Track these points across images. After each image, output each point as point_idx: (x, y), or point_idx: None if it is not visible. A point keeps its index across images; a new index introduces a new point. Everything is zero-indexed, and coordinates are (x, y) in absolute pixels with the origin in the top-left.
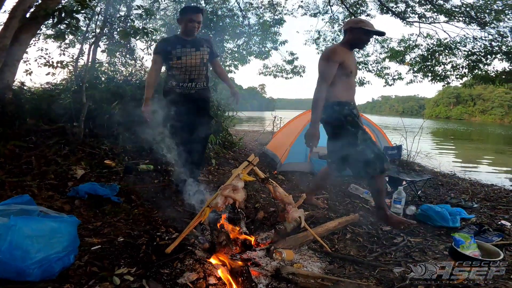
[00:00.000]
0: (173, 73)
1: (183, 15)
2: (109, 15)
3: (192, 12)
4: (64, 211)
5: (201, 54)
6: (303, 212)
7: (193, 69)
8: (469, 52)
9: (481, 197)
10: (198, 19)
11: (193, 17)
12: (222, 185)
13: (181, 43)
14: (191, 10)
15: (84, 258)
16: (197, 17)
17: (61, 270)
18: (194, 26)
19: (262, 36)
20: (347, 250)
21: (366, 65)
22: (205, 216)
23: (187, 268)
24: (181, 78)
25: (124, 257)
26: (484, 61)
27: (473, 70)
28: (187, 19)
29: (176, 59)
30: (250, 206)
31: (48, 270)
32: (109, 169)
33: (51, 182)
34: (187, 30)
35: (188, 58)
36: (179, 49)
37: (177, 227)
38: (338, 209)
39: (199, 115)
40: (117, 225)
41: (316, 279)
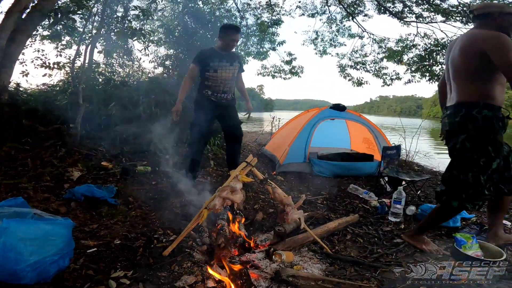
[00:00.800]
0: (209, 84)
1: (226, 34)
2: (106, 16)
3: (234, 33)
4: (60, 213)
5: (234, 69)
6: (303, 213)
7: (227, 82)
8: None
9: None
10: (238, 38)
11: (234, 37)
12: (220, 187)
13: (218, 57)
14: (234, 30)
15: (79, 261)
16: (237, 37)
17: (56, 273)
18: (233, 45)
19: (260, 37)
20: (347, 251)
21: (364, 65)
22: (202, 218)
23: (185, 271)
24: (215, 89)
25: (120, 260)
26: None
27: None
28: (229, 38)
29: (212, 71)
30: (249, 207)
31: (43, 273)
32: (106, 171)
33: (47, 184)
34: (227, 47)
35: (223, 72)
36: (216, 63)
37: (175, 229)
38: (337, 209)
39: (231, 119)
40: (114, 227)
41: (316, 281)
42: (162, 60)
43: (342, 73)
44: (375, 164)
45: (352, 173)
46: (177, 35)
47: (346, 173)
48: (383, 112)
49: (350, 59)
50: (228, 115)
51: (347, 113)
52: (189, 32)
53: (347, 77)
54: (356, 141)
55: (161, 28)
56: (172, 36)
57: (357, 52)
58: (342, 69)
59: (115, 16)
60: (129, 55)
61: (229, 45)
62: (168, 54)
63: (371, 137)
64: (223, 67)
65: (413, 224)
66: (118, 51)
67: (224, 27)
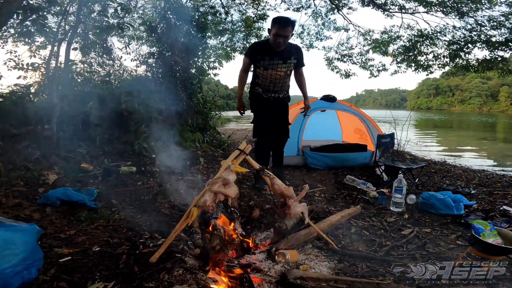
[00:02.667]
0: (259, 82)
1: (272, 26)
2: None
3: (280, 26)
4: (33, 219)
5: (287, 67)
6: (306, 207)
7: (278, 81)
8: (449, 41)
9: (476, 183)
10: (285, 33)
11: (280, 32)
12: (210, 180)
13: (270, 54)
14: (280, 22)
15: (50, 272)
16: (285, 31)
17: (20, 286)
18: (280, 42)
19: (246, 32)
20: (354, 246)
21: (350, 57)
22: (192, 218)
23: (176, 280)
24: (265, 87)
25: (100, 269)
26: (465, 50)
27: (455, 59)
28: (274, 33)
29: (262, 69)
30: (244, 204)
31: (4, 286)
32: (86, 173)
33: (20, 189)
34: (273, 44)
35: (274, 71)
36: (267, 61)
37: (164, 232)
38: (336, 202)
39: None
40: (94, 233)
41: (328, 282)
42: (145, 58)
43: (330, 66)
44: (369, 154)
45: (346, 164)
46: (159, 32)
47: (340, 164)
48: (369, 105)
49: (337, 52)
50: (277, 114)
51: (338, 103)
52: (173, 29)
53: (335, 69)
54: (347, 132)
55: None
56: (154, 33)
57: (343, 45)
58: (329, 62)
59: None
60: (109, 54)
61: (274, 41)
62: (151, 52)
63: (363, 127)
64: (275, 65)
65: (416, 213)
66: (97, 50)
67: (273, 19)
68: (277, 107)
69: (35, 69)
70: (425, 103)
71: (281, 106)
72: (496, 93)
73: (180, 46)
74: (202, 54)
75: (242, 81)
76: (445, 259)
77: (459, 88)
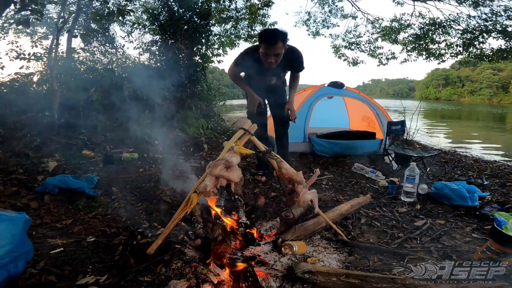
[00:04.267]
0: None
1: (259, 43)
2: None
3: (268, 45)
4: (31, 208)
5: (280, 79)
6: (316, 194)
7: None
8: (463, 30)
9: (488, 173)
10: (276, 51)
11: (269, 51)
12: (211, 162)
13: (259, 69)
14: (266, 41)
15: (39, 265)
16: (275, 49)
17: (7, 280)
18: (270, 62)
19: (250, 19)
20: (365, 237)
21: (358, 45)
22: (191, 205)
23: (174, 274)
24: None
25: (93, 262)
26: (480, 39)
27: (468, 48)
28: (262, 52)
29: (253, 81)
30: (248, 191)
31: None
32: (87, 159)
33: (18, 177)
34: (265, 63)
35: (263, 84)
36: (259, 76)
37: (164, 221)
38: (345, 190)
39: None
40: (92, 222)
41: (339, 277)
42: (148, 46)
43: (336, 53)
44: (378, 142)
45: (354, 152)
46: (162, 20)
47: (348, 152)
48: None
49: (344, 39)
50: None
51: (346, 90)
52: (175, 17)
53: (342, 57)
54: (355, 120)
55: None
56: (157, 21)
57: (351, 33)
58: (336, 50)
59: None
60: (112, 42)
61: (264, 61)
62: (154, 39)
63: (372, 114)
64: (263, 81)
65: (428, 204)
66: (100, 39)
67: (258, 37)
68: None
69: (38, 58)
70: (434, 93)
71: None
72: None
73: (184, 33)
74: (206, 41)
75: (237, 81)
76: (462, 253)
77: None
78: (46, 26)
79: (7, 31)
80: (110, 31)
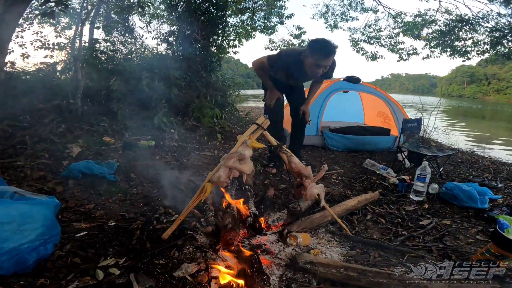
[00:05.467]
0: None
1: (311, 54)
2: None
3: (323, 57)
4: (56, 192)
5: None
6: (323, 188)
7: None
8: (492, 28)
9: (504, 176)
10: (328, 63)
11: (322, 63)
12: (225, 154)
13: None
14: (324, 54)
15: (66, 247)
16: (328, 61)
17: (36, 262)
18: (318, 72)
19: (267, 10)
20: (369, 233)
21: (378, 40)
22: (205, 194)
23: (186, 258)
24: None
25: (113, 245)
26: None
27: (496, 46)
28: (313, 62)
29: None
30: (259, 182)
31: (21, 262)
32: (108, 146)
33: (45, 161)
34: (310, 72)
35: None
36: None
37: (178, 207)
38: (354, 186)
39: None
40: (112, 207)
41: (338, 269)
42: (165, 36)
43: (355, 47)
44: (392, 139)
45: (367, 148)
46: (179, 11)
47: (361, 147)
48: (395, 89)
49: (363, 33)
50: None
51: (362, 85)
52: (192, 8)
53: (360, 51)
54: (370, 115)
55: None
56: (174, 12)
57: (370, 27)
58: (355, 44)
59: None
60: (131, 33)
61: (312, 72)
62: (172, 30)
63: (388, 110)
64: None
65: (437, 204)
66: (120, 29)
67: (312, 43)
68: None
69: (61, 48)
70: (457, 90)
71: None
72: None
73: (200, 24)
74: (222, 32)
75: (262, 75)
76: (462, 253)
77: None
78: (69, 17)
79: (32, 21)
80: (130, 22)
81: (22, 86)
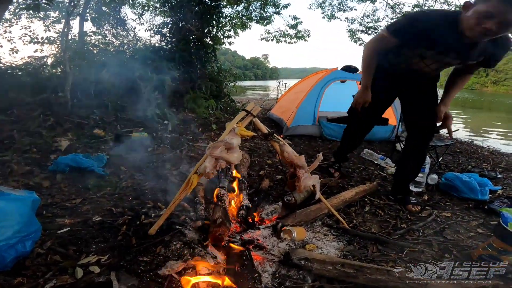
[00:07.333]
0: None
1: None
2: None
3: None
4: (43, 187)
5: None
6: (318, 179)
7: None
8: None
9: (503, 166)
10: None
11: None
12: (211, 143)
13: (447, 46)
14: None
15: (46, 244)
16: None
17: (15, 259)
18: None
19: (263, 1)
20: (367, 226)
21: (376, 30)
22: (191, 186)
23: (172, 254)
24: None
25: (97, 242)
26: None
27: None
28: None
29: (418, 58)
30: (254, 173)
31: None
32: (98, 139)
33: (32, 156)
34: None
35: (429, 66)
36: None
37: (168, 201)
38: (351, 176)
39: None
40: (99, 201)
41: (334, 265)
42: (159, 28)
43: (352, 37)
44: (390, 128)
45: (365, 137)
46: (172, 2)
47: None
48: None
49: (361, 23)
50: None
51: (359, 74)
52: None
53: (358, 41)
54: None
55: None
56: (167, 3)
57: (368, 17)
58: (352, 34)
59: None
60: (123, 25)
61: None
62: (165, 21)
63: None
64: (441, 62)
65: (436, 195)
66: (111, 22)
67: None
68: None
69: (51, 42)
70: None
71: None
72: None
73: (194, 15)
74: (217, 23)
75: (371, 65)
76: (463, 248)
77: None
78: (58, 11)
79: (20, 16)
80: (121, 14)
81: (9, 81)
